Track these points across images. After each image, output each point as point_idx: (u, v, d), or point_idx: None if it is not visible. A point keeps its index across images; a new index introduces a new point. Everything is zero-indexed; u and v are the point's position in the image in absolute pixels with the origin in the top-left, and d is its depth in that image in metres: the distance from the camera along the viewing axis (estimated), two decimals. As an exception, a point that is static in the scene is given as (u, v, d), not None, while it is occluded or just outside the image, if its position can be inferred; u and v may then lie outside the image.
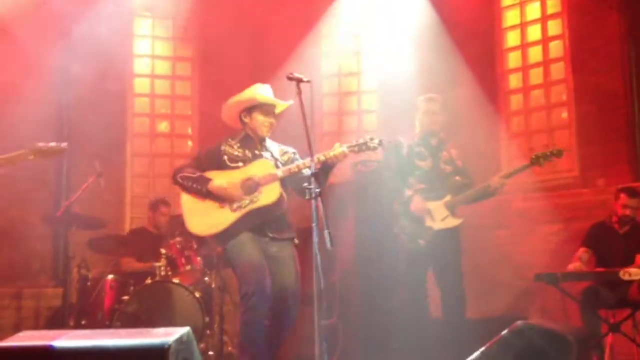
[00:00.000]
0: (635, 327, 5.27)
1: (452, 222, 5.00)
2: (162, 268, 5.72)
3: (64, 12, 7.02)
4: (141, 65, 8.16)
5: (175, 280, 5.70)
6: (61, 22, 7.07)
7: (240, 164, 4.27)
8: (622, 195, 5.48)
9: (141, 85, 8.14)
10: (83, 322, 5.83)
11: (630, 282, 4.95)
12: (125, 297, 5.57)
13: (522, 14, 7.57)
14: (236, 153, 4.32)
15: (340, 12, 7.95)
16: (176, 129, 8.21)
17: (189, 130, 8.20)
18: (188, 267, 5.89)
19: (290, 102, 4.30)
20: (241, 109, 4.37)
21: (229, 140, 4.39)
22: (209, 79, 7.85)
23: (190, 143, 8.17)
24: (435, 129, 5.19)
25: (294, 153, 4.46)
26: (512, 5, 7.64)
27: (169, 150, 8.13)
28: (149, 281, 5.65)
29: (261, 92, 4.36)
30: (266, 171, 4.19)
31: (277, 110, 4.41)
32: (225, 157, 4.31)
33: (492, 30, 7.61)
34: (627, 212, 5.45)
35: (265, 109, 4.34)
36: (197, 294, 5.64)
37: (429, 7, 7.50)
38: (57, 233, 6.97)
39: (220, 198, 4.16)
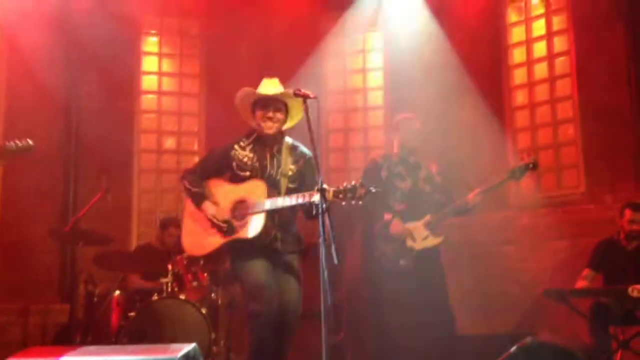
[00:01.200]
0: (645, 344, 5.23)
1: (433, 241, 5.05)
2: (169, 284, 5.71)
3: (74, 31, 7.11)
4: (148, 83, 8.22)
5: (182, 297, 5.68)
6: (71, 40, 7.15)
7: (248, 173, 4.19)
8: (627, 211, 5.46)
9: (148, 102, 8.20)
10: (89, 339, 5.82)
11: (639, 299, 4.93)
12: (132, 314, 5.56)
13: (528, 30, 7.60)
14: (245, 160, 4.21)
15: (347, 29, 8.00)
16: (183, 145, 8.24)
17: (196, 147, 8.23)
18: (195, 283, 5.87)
19: (289, 90, 4.09)
20: (247, 110, 4.28)
21: (242, 141, 4.29)
22: (216, 95, 7.89)
23: (196, 159, 8.18)
24: (413, 146, 5.23)
25: (308, 160, 4.25)
26: (518, 22, 7.67)
27: (176, 166, 8.15)
28: (155, 297, 5.63)
29: (265, 84, 4.23)
30: (256, 199, 4.08)
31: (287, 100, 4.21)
32: (234, 164, 4.23)
33: (498, 47, 7.63)
34: (634, 227, 5.42)
35: (263, 102, 4.18)
36: (204, 310, 5.62)
37: (434, 23, 7.53)
38: (64, 248, 6.99)
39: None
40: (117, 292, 5.88)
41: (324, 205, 3.62)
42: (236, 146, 4.26)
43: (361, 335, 5.93)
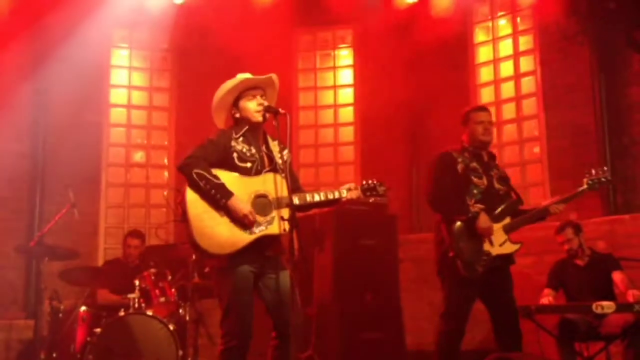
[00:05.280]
0: (609, 360, 5.32)
1: (511, 247, 4.54)
2: (136, 300, 5.65)
3: (42, 43, 7.05)
4: (118, 96, 8.17)
5: (149, 313, 5.62)
6: (39, 53, 7.09)
7: (249, 164, 3.94)
8: (557, 237, 5.58)
9: (117, 115, 8.14)
10: (54, 355, 5.72)
11: (603, 315, 5.01)
12: (98, 330, 5.48)
13: (495, 50, 7.75)
14: (244, 150, 3.96)
15: (319, 46, 8.07)
16: (152, 160, 8.19)
17: (165, 161, 8.18)
18: (162, 299, 5.81)
19: (272, 75, 4.06)
20: (229, 105, 4.08)
21: (232, 133, 3.99)
22: (187, 109, 7.88)
23: (166, 174, 8.15)
24: (488, 140, 4.73)
25: (287, 148, 4.10)
26: (485, 42, 7.82)
27: (144, 180, 8.10)
28: (122, 313, 5.57)
29: (240, 78, 4.07)
30: (281, 193, 3.82)
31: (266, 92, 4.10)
32: (235, 155, 3.93)
33: (465, 66, 7.76)
34: (567, 247, 5.55)
35: (250, 93, 4.03)
36: (171, 327, 5.57)
37: (404, 43, 7.62)
38: (29, 264, 6.89)
39: (233, 217, 3.79)
40: (83, 308, 5.80)
41: (293, 223, 3.64)
42: (232, 138, 3.97)
43: (329, 351, 5.93)
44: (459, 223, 4.47)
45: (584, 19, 6.74)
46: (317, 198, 3.99)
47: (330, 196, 4.00)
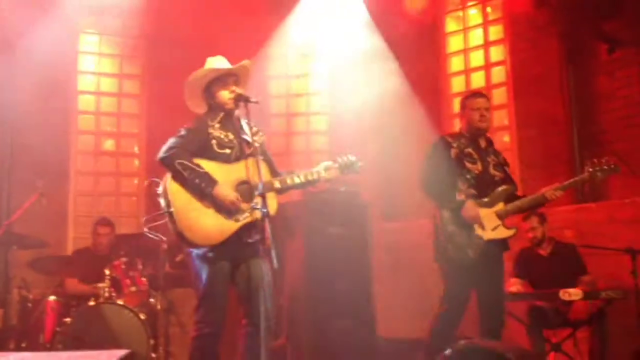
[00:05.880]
0: (576, 346, 5.42)
1: (504, 232, 4.55)
2: (106, 289, 5.61)
3: (7, 29, 6.91)
4: (86, 83, 8.05)
5: (120, 302, 5.59)
6: (4, 38, 6.94)
7: (228, 150, 3.94)
8: (524, 224, 5.65)
9: (86, 102, 8.03)
10: (24, 345, 5.66)
11: (570, 302, 5.11)
12: (67, 319, 5.44)
13: (466, 40, 7.79)
14: (222, 137, 3.95)
15: (290, 34, 8.03)
16: (122, 147, 8.11)
17: (136, 149, 8.11)
18: (133, 288, 5.79)
19: (245, 61, 4.08)
20: (202, 90, 4.05)
21: (208, 120, 3.99)
22: (158, 96, 7.79)
23: (137, 162, 8.07)
24: (485, 127, 4.75)
25: (263, 135, 4.14)
26: (456, 32, 7.86)
27: (115, 168, 8.01)
28: (92, 303, 5.53)
29: (212, 63, 4.07)
30: (262, 178, 3.77)
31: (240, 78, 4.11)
32: (214, 142, 3.92)
33: (437, 56, 7.80)
34: (531, 235, 5.67)
35: (223, 80, 4.00)
36: (142, 316, 5.54)
37: (375, 32, 7.63)
38: (-3, 253, 6.78)
39: (219, 205, 3.80)
40: (52, 297, 5.74)
41: (265, 210, 3.64)
42: (210, 126, 3.96)
43: (301, 339, 5.96)
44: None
45: (553, 9, 6.82)
46: (297, 180, 4.01)
47: (310, 177, 4.03)
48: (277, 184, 3.93)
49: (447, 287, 4.56)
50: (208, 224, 3.78)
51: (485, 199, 4.56)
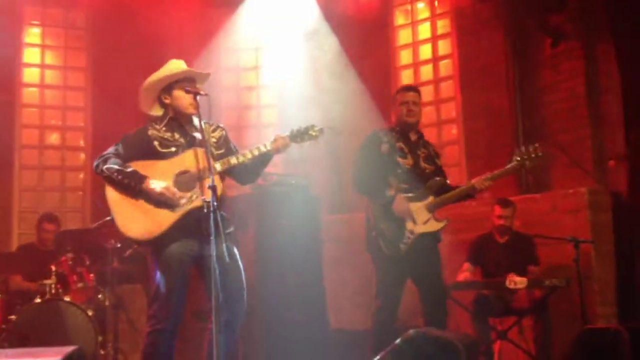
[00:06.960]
0: (521, 333, 5.55)
1: (435, 225, 4.60)
2: (52, 286, 5.51)
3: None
4: (30, 75, 7.87)
5: (66, 299, 5.51)
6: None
7: (173, 148, 3.90)
8: (496, 207, 5.73)
9: (30, 95, 7.85)
10: (-33, 344, 5.53)
11: (516, 290, 5.22)
12: (13, 317, 5.33)
13: (414, 33, 7.87)
14: (166, 137, 3.92)
15: (240, 26, 7.98)
16: (67, 141, 7.95)
17: (82, 143, 7.96)
18: (80, 285, 5.71)
19: (208, 72, 4.09)
20: (159, 90, 4.00)
21: (153, 124, 3.96)
22: (104, 89, 7.66)
23: (82, 155, 7.92)
24: (413, 121, 4.77)
25: (223, 129, 4.14)
26: (405, 25, 7.93)
27: (60, 163, 7.86)
28: (38, 300, 5.43)
29: (176, 65, 4.03)
30: (202, 163, 3.78)
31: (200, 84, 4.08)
32: (156, 143, 3.90)
33: (386, 49, 7.86)
34: (502, 222, 5.70)
35: (185, 83, 3.97)
36: (90, 313, 5.47)
37: (325, 25, 7.65)
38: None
39: (155, 199, 3.78)
40: (-4, 295, 5.62)
41: (215, 203, 3.60)
42: (151, 128, 3.95)
43: (253, 333, 5.95)
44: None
45: (498, 3, 6.95)
46: (241, 159, 3.92)
47: (256, 152, 3.93)
48: (218, 166, 3.86)
49: (379, 280, 4.60)
50: (146, 219, 3.78)
51: (416, 193, 4.60)
